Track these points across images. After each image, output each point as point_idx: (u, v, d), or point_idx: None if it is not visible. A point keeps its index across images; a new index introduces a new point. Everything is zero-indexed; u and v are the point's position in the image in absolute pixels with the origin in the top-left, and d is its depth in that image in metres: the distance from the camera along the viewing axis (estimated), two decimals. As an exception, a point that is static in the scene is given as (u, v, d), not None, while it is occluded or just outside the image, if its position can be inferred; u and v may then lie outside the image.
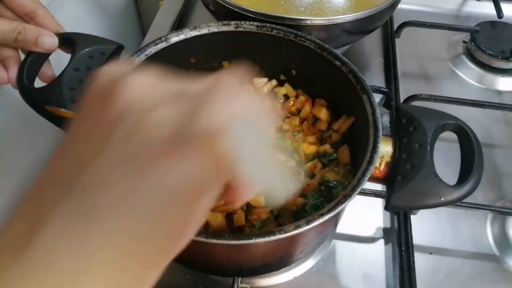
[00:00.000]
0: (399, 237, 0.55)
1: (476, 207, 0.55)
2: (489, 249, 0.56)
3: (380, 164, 0.44)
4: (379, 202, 0.58)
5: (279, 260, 0.46)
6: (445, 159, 0.58)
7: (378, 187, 0.55)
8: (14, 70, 0.50)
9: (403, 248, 0.53)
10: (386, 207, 0.43)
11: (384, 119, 0.68)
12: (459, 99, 0.65)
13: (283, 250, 0.43)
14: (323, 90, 0.54)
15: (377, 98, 0.71)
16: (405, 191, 0.42)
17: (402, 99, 0.68)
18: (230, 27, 0.53)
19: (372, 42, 0.82)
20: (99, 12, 0.92)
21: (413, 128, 0.44)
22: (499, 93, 0.75)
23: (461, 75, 0.78)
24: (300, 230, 0.36)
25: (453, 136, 0.46)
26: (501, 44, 0.78)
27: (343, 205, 0.38)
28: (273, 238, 0.36)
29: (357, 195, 0.39)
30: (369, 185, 0.46)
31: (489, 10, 0.85)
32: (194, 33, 0.52)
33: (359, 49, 0.80)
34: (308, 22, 0.61)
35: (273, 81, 0.58)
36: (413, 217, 0.56)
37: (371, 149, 0.42)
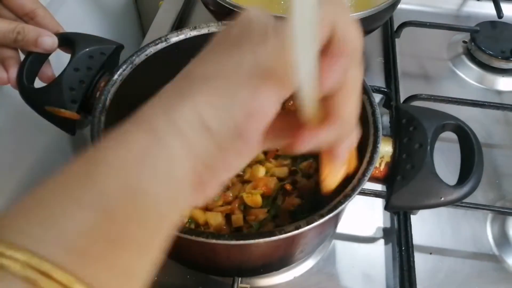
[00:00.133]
0: (399, 237, 0.55)
1: (476, 207, 0.55)
2: (489, 249, 0.56)
3: (380, 164, 0.44)
4: (379, 202, 0.58)
5: (279, 260, 0.46)
6: (445, 159, 0.58)
7: (378, 187, 0.55)
8: (14, 70, 0.50)
9: (403, 248, 0.53)
10: (386, 207, 0.43)
11: (384, 119, 0.68)
12: (459, 99, 0.65)
13: (283, 250, 0.43)
14: (323, 90, 0.54)
15: (377, 98, 0.71)
16: (405, 191, 0.42)
17: (402, 99, 0.68)
18: (230, 27, 0.53)
19: (372, 42, 0.82)
20: (99, 12, 0.92)
21: (413, 128, 0.44)
22: (499, 93, 0.75)
23: (461, 75, 0.78)
24: (300, 230, 0.36)
25: (453, 136, 0.46)
26: (501, 44, 0.78)
27: (343, 205, 0.38)
28: (273, 238, 0.36)
29: (357, 195, 0.39)
30: (369, 185, 0.46)
31: (489, 10, 0.85)
32: (194, 33, 0.52)
33: (359, 49, 0.80)
34: (308, 22, 0.61)
35: None
36: (413, 217, 0.56)
37: (371, 149, 0.42)
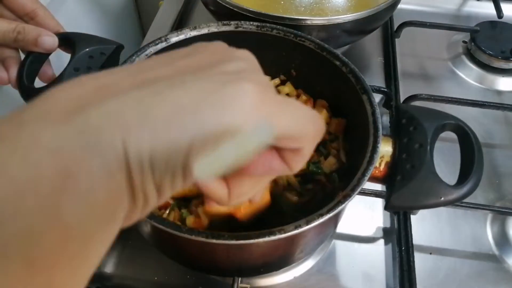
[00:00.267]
0: (399, 237, 0.55)
1: (476, 207, 0.55)
2: (489, 249, 0.56)
3: (380, 164, 0.44)
4: (379, 202, 0.58)
5: (279, 260, 0.46)
6: (445, 159, 0.58)
7: (378, 187, 0.55)
8: (14, 70, 0.50)
9: (403, 248, 0.53)
10: (386, 207, 0.43)
11: (384, 119, 0.68)
12: (459, 99, 0.65)
13: (283, 250, 0.43)
14: (323, 90, 0.54)
15: (377, 98, 0.71)
16: (405, 191, 0.42)
17: (402, 99, 0.68)
18: (230, 27, 0.53)
19: (372, 42, 0.82)
20: (99, 12, 0.92)
21: (413, 128, 0.44)
22: (499, 93, 0.75)
23: (461, 75, 0.78)
24: (300, 230, 0.36)
25: (453, 136, 0.46)
26: (501, 44, 0.78)
27: (343, 205, 0.38)
28: (273, 238, 0.36)
29: (357, 195, 0.39)
30: (369, 185, 0.46)
31: (489, 10, 0.85)
32: (194, 33, 0.52)
33: (359, 49, 0.80)
34: (308, 22, 0.61)
35: (276, 80, 0.58)
36: (413, 217, 0.56)
37: (371, 149, 0.42)
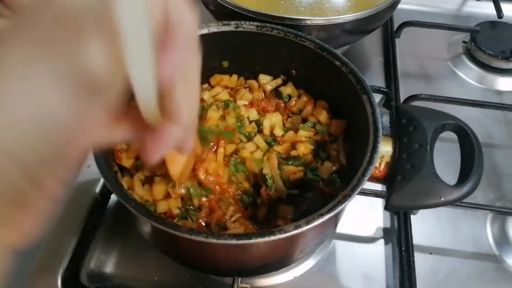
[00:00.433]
0: (399, 237, 0.55)
1: (476, 207, 0.55)
2: (489, 249, 0.56)
3: (380, 164, 0.44)
4: (379, 202, 0.58)
5: (279, 260, 0.46)
6: (445, 159, 0.58)
7: (378, 187, 0.55)
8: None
9: (403, 248, 0.53)
10: (386, 207, 0.43)
11: (384, 119, 0.68)
12: (459, 99, 0.65)
13: (283, 250, 0.43)
14: (323, 90, 0.54)
15: (377, 98, 0.71)
16: (405, 191, 0.42)
17: (402, 99, 0.68)
18: (230, 27, 0.53)
19: (372, 42, 0.82)
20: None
21: (413, 128, 0.44)
22: (499, 93, 0.75)
23: (461, 75, 0.78)
24: (300, 230, 0.36)
25: (453, 136, 0.46)
26: (501, 44, 0.78)
27: (342, 205, 0.38)
28: (273, 238, 0.36)
29: (357, 195, 0.39)
30: (369, 185, 0.46)
31: (489, 10, 0.85)
32: (194, 33, 0.52)
33: (359, 49, 0.80)
34: (308, 22, 0.61)
35: (278, 80, 0.58)
36: (413, 217, 0.56)
37: (371, 149, 0.42)
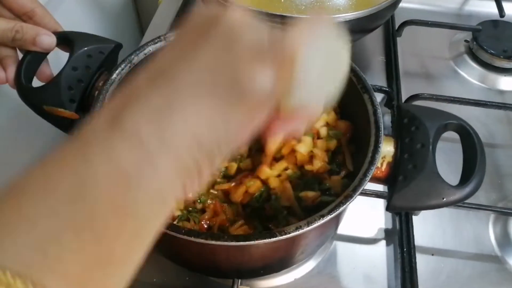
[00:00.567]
0: (400, 238, 0.54)
1: (478, 207, 0.54)
2: (491, 250, 0.55)
3: (381, 164, 0.44)
4: (381, 203, 0.58)
5: (280, 262, 0.46)
6: (447, 159, 0.57)
7: (380, 187, 0.55)
8: (12, 69, 0.49)
9: (404, 249, 0.53)
10: (388, 208, 0.43)
11: (385, 118, 0.67)
12: (461, 99, 0.65)
13: (283, 252, 0.43)
14: (324, 89, 0.54)
15: (378, 97, 0.71)
16: (407, 192, 0.41)
17: (403, 98, 0.68)
18: (230, 26, 0.53)
19: (374, 41, 0.81)
20: (98, 11, 0.92)
21: (415, 128, 0.44)
22: (501, 92, 0.75)
23: (463, 74, 0.78)
24: (301, 231, 0.36)
25: (455, 136, 0.46)
26: (503, 43, 0.77)
27: (344, 206, 0.37)
28: (273, 239, 0.35)
29: (358, 196, 0.38)
30: (370, 186, 0.46)
31: (491, 9, 0.84)
32: (194, 32, 0.52)
33: (360, 48, 0.80)
34: (309, 21, 0.60)
35: None
36: (415, 218, 0.55)
37: (372, 149, 0.41)
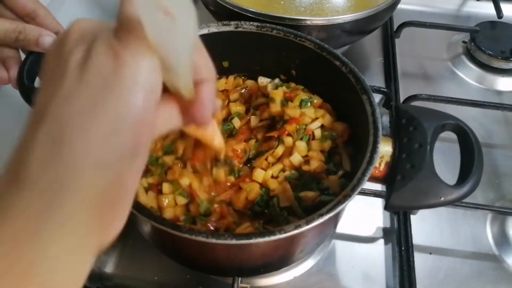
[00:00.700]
0: (399, 237, 0.55)
1: (476, 207, 0.55)
2: (489, 249, 0.56)
3: (380, 164, 0.44)
4: (379, 202, 0.58)
5: (279, 260, 0.46)
6: (445, 159, 0.58)
7: (378, 187, 0.55)
8: (14, 70, 0.50)
9: (403, 248, 0.53)
10: (386, 207, 0.43)
11: (384, 119, 0.68)
12: (459, 99, 0.65)
13: (283, 250, 0.43)
14: (323, 90, 0.54)
15: (377, 98, 0.71)
16: (405, 191, 0.42)
17: (402, 99, 0.68)
18: (230, 27, 0.53)
19: (372, 42, 0.82)
20: (99, 12, 0.92)
21: (413, 128, 0.44)
22: (499, 93, 0.75)
23: (461, 75, 0.78)
24: (300, 230, 0.36)
25: (453, 136, 0.46)
26: (500, 44, 0.78)
27: (342, 205, 0.38)
28: (273, 238, 0.36)
29: (357, 195, 0.39)
30: (369, 185, 0.46)
31: (489, 10, 0.85)
32: (194, 33, 0.52)
33: (359, 49, 0.80)
34: (308, 22, 0.61)
35: (276, 80, 0.58)
36: (413, 217, 0.56)
37: (371, 149, 0.42)
